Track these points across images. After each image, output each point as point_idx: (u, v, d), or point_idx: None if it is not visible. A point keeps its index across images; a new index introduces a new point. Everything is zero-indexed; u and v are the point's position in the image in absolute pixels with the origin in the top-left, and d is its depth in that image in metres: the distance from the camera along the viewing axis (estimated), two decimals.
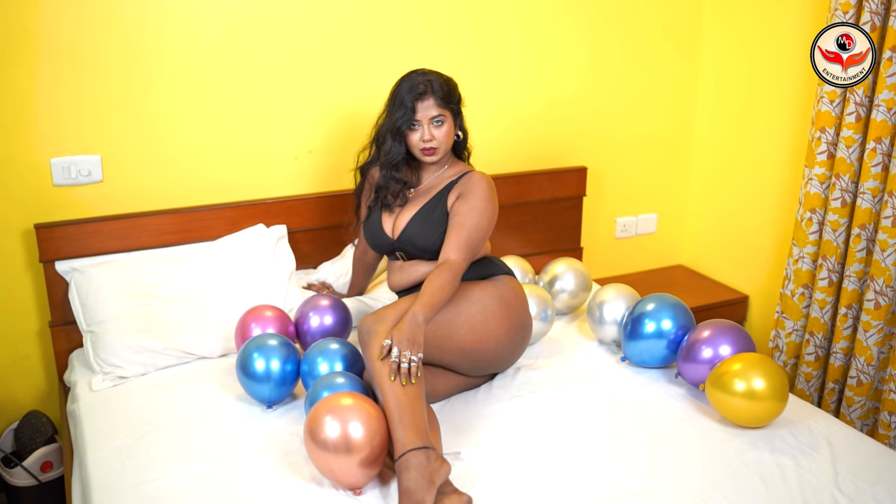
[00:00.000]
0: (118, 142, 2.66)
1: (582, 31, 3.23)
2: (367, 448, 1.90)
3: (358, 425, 1.91)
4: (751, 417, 2.17)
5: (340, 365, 2.27)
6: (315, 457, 1.93)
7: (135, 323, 2.51)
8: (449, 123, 2.36)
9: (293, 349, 2.33)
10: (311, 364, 2.28)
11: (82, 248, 2.62)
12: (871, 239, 2.75)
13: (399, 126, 2.34)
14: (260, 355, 2.26)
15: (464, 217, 2.31)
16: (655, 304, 2.51)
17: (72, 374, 2.57)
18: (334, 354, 2.29)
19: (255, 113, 2.81)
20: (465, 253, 2.28)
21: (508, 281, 2.41)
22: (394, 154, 2.39)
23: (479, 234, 2.32)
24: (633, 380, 2.47)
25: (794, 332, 3.03)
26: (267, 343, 2.30)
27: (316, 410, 1.95)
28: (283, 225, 2.83)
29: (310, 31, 2.81)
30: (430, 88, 2.31)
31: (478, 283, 2.35)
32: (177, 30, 2.64)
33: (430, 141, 2.34)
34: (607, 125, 3.40)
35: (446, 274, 2.20)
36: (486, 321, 2.28)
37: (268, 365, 2.26)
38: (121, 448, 2.11)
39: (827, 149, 2.82)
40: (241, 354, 2.30)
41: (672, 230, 3.70)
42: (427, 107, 2.32)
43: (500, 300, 2.33)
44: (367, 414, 1.94)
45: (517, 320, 2.36)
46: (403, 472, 1.87)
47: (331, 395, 1.99)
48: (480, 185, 2.35)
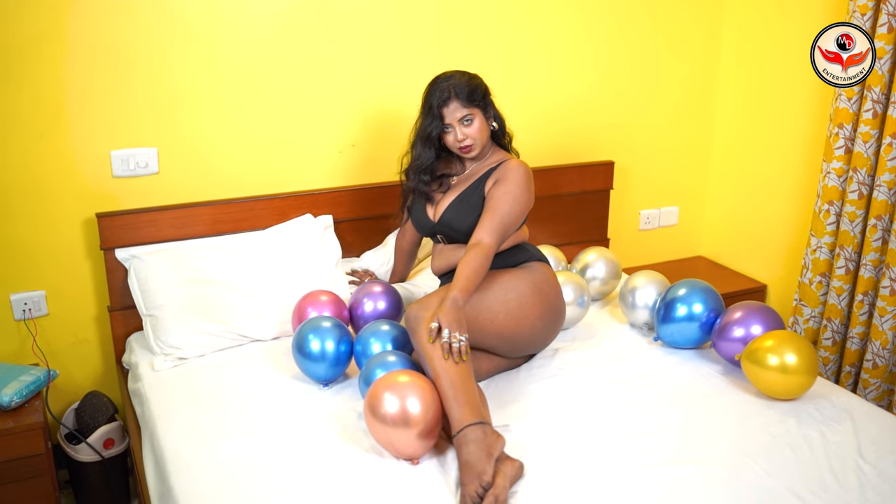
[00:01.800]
0: (173, 136, 2.80)
1: (606, 28, 3.38)
2: (424, 421, 2.03)
3: (415, 400, 2.04)
4: (783, 390, 2.32)
5: (391, 345, 2.41)
6: (375, 430, 2.07)
7: (192, 307, 2.65)
8: (479, 119, 2.47)
9: (346, 330, 2.47)
10: (364, 344, 2.42)
11: (141, 236, 2.76)
12: (887, 229, 2.90)
13: (430, 132, 2.48)
14: (315, 336, 2.40)
15: (497, 201, 2.43)
16: (687, 288, 2.66)
17: (131, 356, 2.72)
18: (385, 335, 2.43)
19: (301, 108, 2.96)
20: (497, 236, 2.39)
21: (541, 268, 2.55)
22: (423, 160, 2.53)
23: (512, 218, 2.43)
24: (666, 360, 2.62)
25: (812, 319, 3.18)
26: (321, 325, 2.44)
27: (375, 387, 2.09)
28: (329, 215, 2.97)
29: (351, 31, 2.95)
30: (452, 93, 2.43)
31: (513, 272, 2.48)
32: (228, 29, 2.79)
33: (464, 140, 2.47)
34: (632, 121, 3.55)
35: (479, 257, 2.33)
36: (521, 307, 2.42)
37: (322, 345, 2.40)
38: (188, 422, 2.25)
39: (844, 144, 2.96)
40: (297, 336, 2.44)
41: (693, 222, 3.86)
42: (453, 110, 2.44)
43: (534, 286, 2.46)
44: (422, 389, 2.07)
45: (550, 304, 2.50)
46: (463, 447, 2.01)
47: (388, 373, 2.13)
48: (517, 171, 2.47)
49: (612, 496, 1.93)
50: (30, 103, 2.59)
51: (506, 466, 1.99)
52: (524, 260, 2.55)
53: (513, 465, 2.00)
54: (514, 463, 2.01)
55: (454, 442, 2.05)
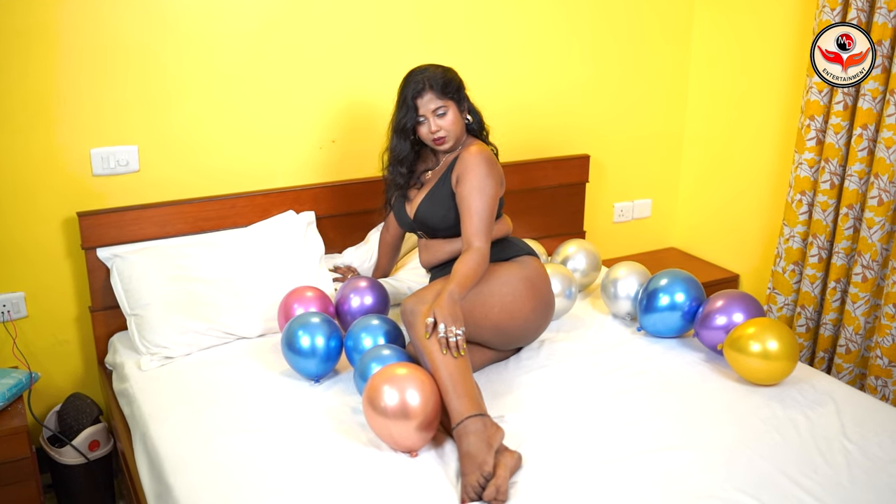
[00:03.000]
0: (154, 133, 2.78)
1: (580, 23, 3.42)
2: (423, 413, 2.05)
3: (414, 392, 2.05)
4: (765, 376, 2.38)
5: (383, 339, 2.41)
6: (374, 423, 2.08)
7: (178, 306, 2.63)
8: (453, 112, 2.48)
9: (335, 326, 2.47)
10: (355, 339, 2.43)
11: (123, 234, 2.73)
12: (858, 218, 2.99)
13: (404, 124, 2.49)
14: (305, 332, 2.40)
15: (469, 200, 2.42)
16: (668, 279, 2.71)
17: (115, 357, 2.68)
18: (376, 329, 2.43)
19: (281, 104, 2.95)
20: (484, 235, 2.41)
21: (532, 262, 2.58)
22: (398, 151, 2.55)
23: (489, 212, 2.43)
24: (651, 349, 2.66)
25: (786, 307, 3.26)
26: (310, 321, 2.44)
27: (374, 380, 2.10)
28: (311, 211, 2.97)
29: (331, 26, 2.95)
30: (426, 84, 2.45)
31: (506, 266, 2.50)
32: (208, 25, 2.77)
33: (437, 132, 2.47)
34: (606, 114, 3.60)
35: (476, 257, 2.36)
36: (515, 300, 2.45)
37: (313, 341, 2.39)
38: (181, 421, 2.24)
39: (816, 135, 3.04)
40: (286, 333, 2.43)
41: (665, 214, 3.92)
42: (427, 102, 2.45)
43: (527, 280, 2.49)
44: (421, 381, 2.09)
45: (542, 297, 2.54)
46: (463, 438, 2.03)
47: (386, 366, 2.14)
48: (474, 163, 2.44)
49: (609, 483, 1.97)
50: (7, 100, 2.55)
51: (506, 458, 2.01)
52: (515, 254, 2.58)
53: (512, 457, 2.02)
54: (514, 454, 2.03)
55: (454, 434, 2.07)
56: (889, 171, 2.83)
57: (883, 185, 2.84)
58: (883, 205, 2.86)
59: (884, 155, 2.82)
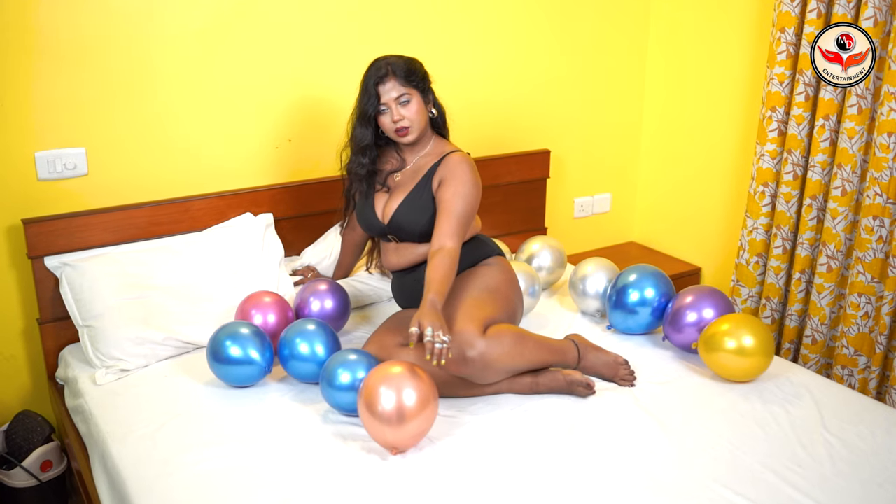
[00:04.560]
0: (102, 135, 2.64)
1: (537, 17, 3.37)
2: (421, 413, 1.98)
3: (411, 392, 1.98)
4: (742, 372, 2.35)
5: (321, 346, 2.32)
6: (371, 426, 1.99)
7: (133, 315, 2.50)
8: (417, 101, 2.40)
9: (265, 336, 2.37)
10: (290, 347, 2.33)
11: (73, 242, 2.59)
12: (822, 208, 2.99)
13: (366, 111, 2.40)
14: (234, 343, 2.29)
15: (450, 203, 2.37)
16: (637, 274, 2.67)
17: (67, 371, 2.55)
18: (313, 335, 2.33)
19: (235, 102, 2.83)
20: (458, 238, 2.35)
21: (501, 265, 2.52)
22: (360, 138, 2.45)
23: (467, 217, 2.40)
24: (622, 345, 2.62)
25: (750, 299, 3.26)
26: (239, 331, 2.33)
27: (370, 382, 2.01)
28: (269, 213, 2.86)
29: (285, 21, 2.85)
30: (389, 70, 2.37)
31: (478, 278, 2.43)
32: (157, 19, 2.64)
33: (399, 121, 2.39)
34: (564, 109, 3.56)
35: (447, 261, 2.28)
36: (490, 315, 2.34)
37: (245, 352, 2.30)
38: (143, 438, 2.12)
39: (777, 126, 3.04)
40: (212, 344, 2.33)
41: (625, 208, 3.90)
42: (390, 89, 2.37)
43: (498, 292, 2.43)
44: (418, 380, 2.01)
45: (512, 305, 2.47)
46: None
47: (380, 366, 2.07)
48: (461, 168, 2.41)
49: (589, 484, 1.92)
50: None
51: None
52: (484, 256, 2.53)
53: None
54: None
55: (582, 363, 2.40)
56: (852, 162, 2.83)
57: (846, 175, 2.85)
58: (846, 195, 2.87)
59: (846, 145, 2.82)
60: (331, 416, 2.21)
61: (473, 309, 2.30)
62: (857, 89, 2.76)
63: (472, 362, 2.19)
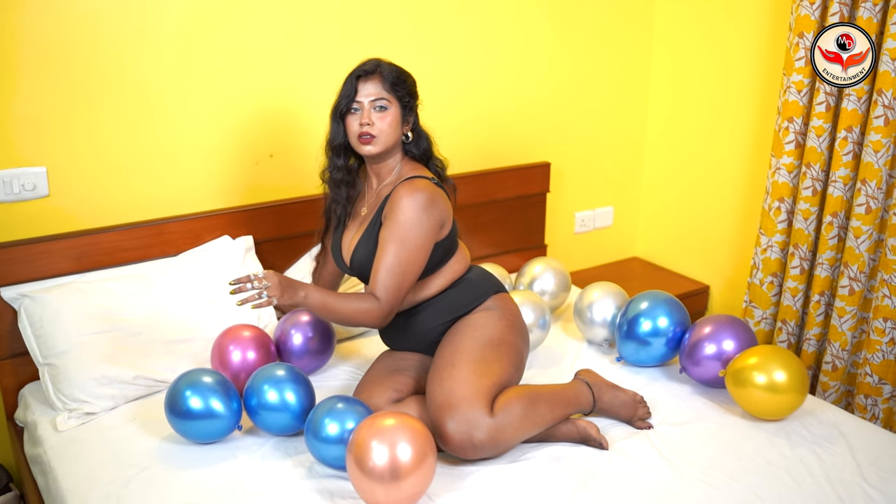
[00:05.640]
0: (64, 152, 2.42)
1: (537, 26, 3.17)
2: (418, 469, 1.78)
3: (406, 446, 1.77)
4: (773, 410, 2.17)
5: (292, 393, 2.08)
6: (361, 485, 1.78)
7: (99, 351, 2.28)
8: (394, 114, 2.13)
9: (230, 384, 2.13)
10: (258, 395, 2.08)
11: (32, 270, 2.37)
12: (844, 227, 2.79)
13: (338, 105, 2.15)
14: (195, 394, 2.04)
15: (384, 251, 2.07)
16: (649, 302, 2.48)
17: (26, 413, 2.32)
18: (281, 382, 2.09)
19: (212, 114, 2.61)
20: (392, 294, 2.05)
21: (499, 309, 2.22)
22: (333, 135, 2.20)
23: (401, 268, 2.06)
24: (634, 379, 2.42)
25: (764, 321, 3.06)
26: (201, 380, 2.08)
27: (360, 435, 1.80)
28: (249, 236, 2.64)
29: (267, 28, 2.63)
30: (377, 69, 2.12)
31: (470, 327, 2.16)
32: (128, 25, 2.41)
33: (367, 125, 2.11)
34: (564, 119, 3.35)
35: (366, 317, 2.05)
36: (499, 373, 2.09)
37: (207, 404, 2.04)
38: (108, 496, 1.89)
39: (795, 138, 2.84)
40: (170, 395, 2.07)
41: (627, 222, 3.69)
42: (370, 88, 2.11)
43: (501, 345, 2.15)
44: (414, 432, 1.81)
45: (518, 349, 2.20)
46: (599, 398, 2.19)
47: (372, 417, 1.85)
48: (402, 203, 2.07)
49: None
50: None
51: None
52: (477, 300, 2.23)
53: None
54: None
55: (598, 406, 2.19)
56: (877, 177, 2.63)
57: (871, 191, 2.65)
58: (871, 213, 2.67)
59: (871, 159, 2.62)
60: (316, 468, 2.00)
61: (477, 378, 2.02)
62: (883, 99, 2.56)
63: (481, 446, 1.95)
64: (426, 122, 2.25)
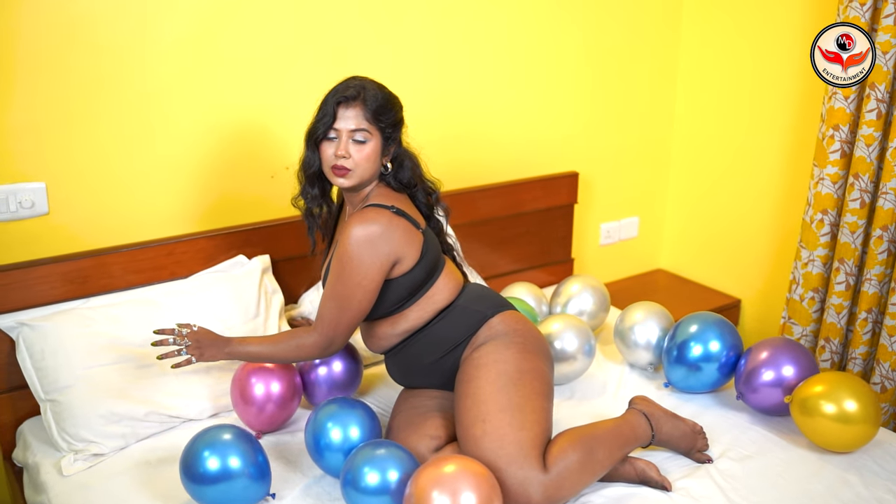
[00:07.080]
0: (65, 166, 2.24)
1: (564, 34, 3.01)
2: None
3: (471, 495, 1.61)
4: (843, 442, 2.04)
5: (357, 429, 1.91)
6: None
7: (106, 386, 2.09)
8: (374, 147, 1.93)
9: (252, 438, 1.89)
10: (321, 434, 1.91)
11: (31, 296, 2.17)
12: (894, 241, 2.65)
13: (314, 130, 1.95)
14: (213, 454, 1.80)
15: (329, 281, 1.96)
16: (698, 325, 2.32)
17: (26, 454, 2.12)
18: (349, 417, 1.92)
19: (223, 125, 2.43)
20: (328, 327, 1.94)
21: (506, 335, 1.99)
22: (308, 163, 2.00)
23: (337, 302, 1.92)
24: (686, 407, 2.27)
25: (804, 338, 2.91)
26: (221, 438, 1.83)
27: (421, 484, 1.63)
28: (265, 255, 2.46)
29: (276, 30, 2.46)
30: (360, 95, 1.91)
31: (481, 368, 1.93)
32: (132, 31, 2.23)
33: (343, 158, 1.91)
34: (590, 130, 3.20)
35: (305, 351, 1.97)
36: (524, 424, 1.88)
37: (225, 464, 1.79)
38: None
39: (841, 147, 2.69)
40: (187, 456, 1.83)
41: (652, 233, 3.54)
42: (350, 117, 1.91)
43: (524, 376, 1.93)
44: (478, 478, 1.64)
45: (545, 376, 1.99)
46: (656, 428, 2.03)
47: (431, 463, 1.69)
48: (346, 236, 1.90)
49: None
50: None
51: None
52: (473, 329, 2.01)
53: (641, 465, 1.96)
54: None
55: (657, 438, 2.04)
56: None
57: None
58: None
59: None
60: None
61: (515, 431, 1.82)
62: None
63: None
64: (435, 136, 2.11)
